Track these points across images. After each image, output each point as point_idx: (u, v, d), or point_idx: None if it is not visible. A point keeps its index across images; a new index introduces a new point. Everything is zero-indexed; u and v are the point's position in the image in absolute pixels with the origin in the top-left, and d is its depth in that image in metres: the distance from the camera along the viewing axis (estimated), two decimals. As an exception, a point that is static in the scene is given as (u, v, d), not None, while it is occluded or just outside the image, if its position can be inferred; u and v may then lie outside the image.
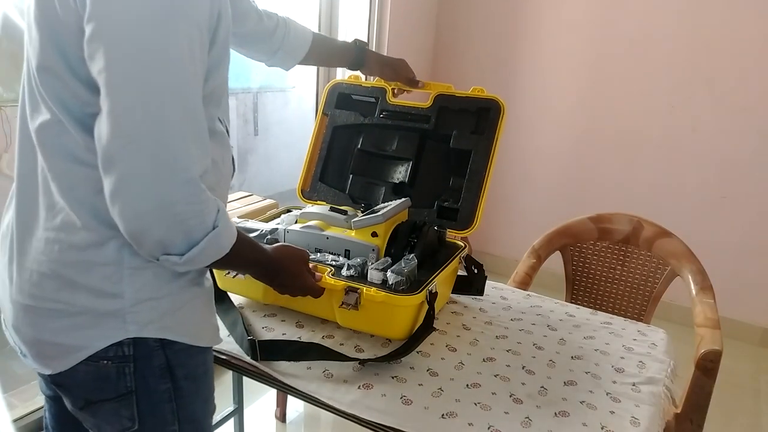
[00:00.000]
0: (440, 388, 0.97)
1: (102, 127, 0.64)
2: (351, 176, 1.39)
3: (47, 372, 0.77)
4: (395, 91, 1.39)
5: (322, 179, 1.41)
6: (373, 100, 1.41)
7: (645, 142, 2.76)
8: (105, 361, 0.75)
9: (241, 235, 0.78)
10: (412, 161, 1.35)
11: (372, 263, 1.07)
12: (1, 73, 2.02)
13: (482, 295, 1.30)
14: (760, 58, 2.44)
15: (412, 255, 1.08)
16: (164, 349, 0.78)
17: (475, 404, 0.93)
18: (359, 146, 1.40)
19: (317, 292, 0.98)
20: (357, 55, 1.27)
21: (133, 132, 0.63)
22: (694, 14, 2.53)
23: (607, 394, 0.99)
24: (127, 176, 0.63)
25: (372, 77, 1.39)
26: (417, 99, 1.39)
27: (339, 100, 1.44)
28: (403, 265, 1.04)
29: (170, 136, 0.64)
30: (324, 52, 1.26)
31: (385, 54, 2.70)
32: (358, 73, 1.35)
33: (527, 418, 0.91)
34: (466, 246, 1.24)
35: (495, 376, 1.02)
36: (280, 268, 0.89)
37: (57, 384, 0.81)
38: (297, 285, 0.93)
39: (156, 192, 0.64)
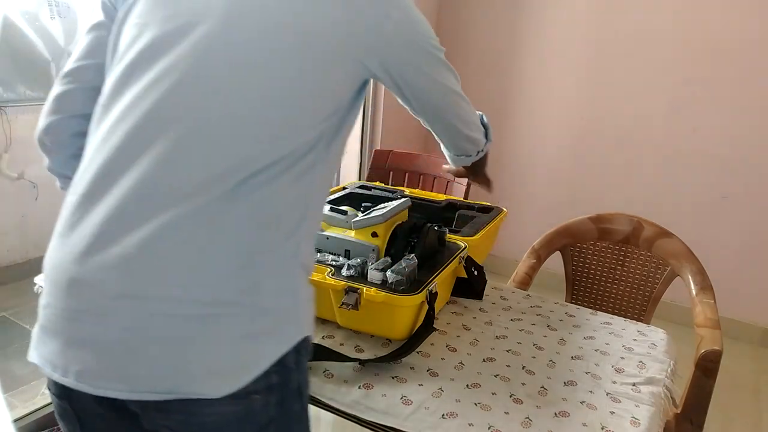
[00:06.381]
0: (440, 388, 0.97)
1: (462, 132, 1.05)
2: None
3: (217, 395, 0.67)
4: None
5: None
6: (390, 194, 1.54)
7: (645, 141, 2.76)
8: (255, 395, 0.70)
9: None
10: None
11: (372, 263, 1.07)
12: (1, 73, 2.02)
13: (481, 299, 1.31)
14: (760, 58, 2.44)
15: (412, 255, 1.08)
16: (297, 367, 0.76)
17: (476, 404, 0.93)
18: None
19: None
20: None
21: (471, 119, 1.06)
22: (694, 14, 2.53)
23: (607, 394, 0.99)
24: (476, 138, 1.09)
25: None
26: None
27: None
28: (403, 265, 1.04)
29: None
30: None
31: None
32: None
33: (527, 418, 0.91)
34: (466, 246, 1.24)
35: (495, 376, 1.02)
36: None
37: None
38: None
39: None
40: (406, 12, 0.81)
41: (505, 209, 1.49)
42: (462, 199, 1.70)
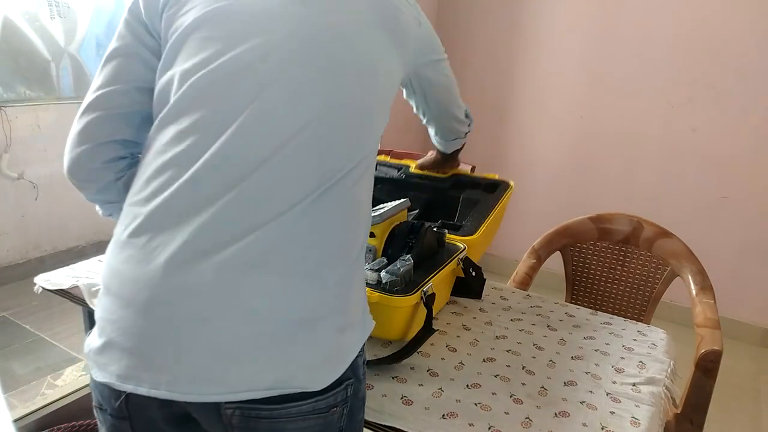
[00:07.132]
0: (440, 389, 0.97)
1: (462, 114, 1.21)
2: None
3: (318, 387, 0.69)
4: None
5: None
6: (396, 171, 1.54)
7: (645, 142, 2.76)
8: (335, 408, 0.72)
9: None
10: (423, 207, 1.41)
11: (368, 263, 1.07)
12: (1, 73, 2.02)
13: (480, 299, 1.30)
14: (760, 58, 2.44)
15: (408, 255, 1.08)
16: (364, 377, 0.79)
17: (476, 404, 0.93)
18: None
19: None
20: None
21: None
22: (693, 14, 2.53)
23: (607, 394, 0.99)
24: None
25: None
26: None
27: None
28: (398, 266, 1.04)
29: None
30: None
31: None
32: None
33: (527, 418, 0.91)
34: (464, 247, 1.24)
35: (495, 376, 1.02)
36: None
37: None
38: None
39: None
40: (425, 16, 0.91)
41: (512, 182, 1.46)
42: (468, 173, 1.61)
